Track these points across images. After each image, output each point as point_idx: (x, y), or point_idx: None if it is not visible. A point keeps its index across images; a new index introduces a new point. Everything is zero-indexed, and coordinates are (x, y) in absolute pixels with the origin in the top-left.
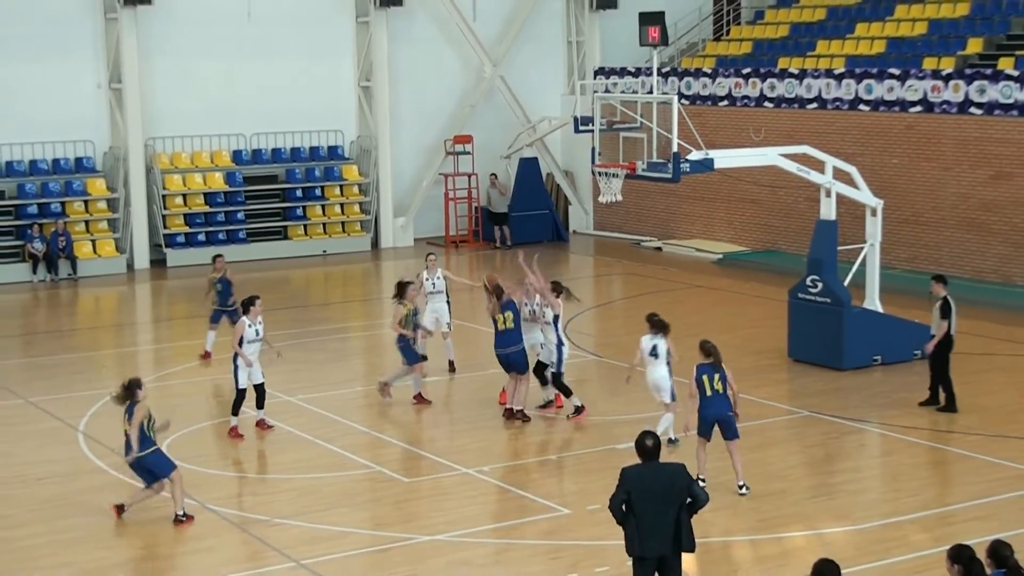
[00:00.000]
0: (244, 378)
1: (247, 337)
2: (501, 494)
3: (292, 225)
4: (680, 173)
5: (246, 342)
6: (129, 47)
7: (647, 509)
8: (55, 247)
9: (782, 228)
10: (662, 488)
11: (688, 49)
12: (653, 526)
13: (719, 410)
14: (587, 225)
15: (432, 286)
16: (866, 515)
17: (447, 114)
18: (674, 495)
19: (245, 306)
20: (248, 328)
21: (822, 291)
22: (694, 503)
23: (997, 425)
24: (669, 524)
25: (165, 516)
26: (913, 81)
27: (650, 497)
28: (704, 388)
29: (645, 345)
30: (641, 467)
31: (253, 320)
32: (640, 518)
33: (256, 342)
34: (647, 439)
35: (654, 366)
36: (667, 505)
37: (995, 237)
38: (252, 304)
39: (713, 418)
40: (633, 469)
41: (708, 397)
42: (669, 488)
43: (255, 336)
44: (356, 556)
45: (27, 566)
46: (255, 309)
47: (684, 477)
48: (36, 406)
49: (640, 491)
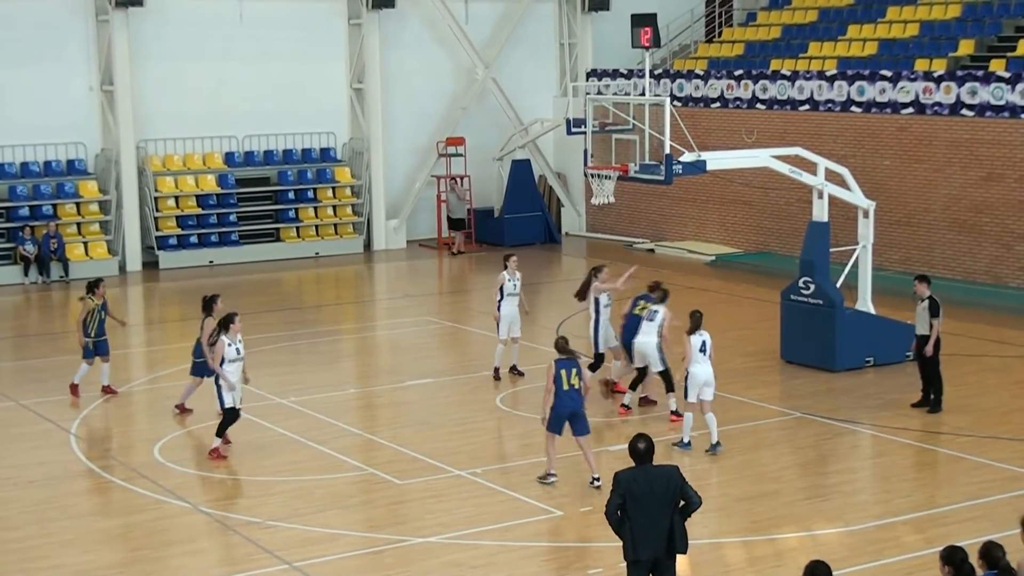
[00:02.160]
0: (230, 399)
1: (227, 356)
2: (494, 496)
3: (284, 227)
4: (672, 175)
5: (227, 362)
6: (121, 49)
7: (641, 512)
8: (47, 249)
9: (774, 230)
10: (656, 491)
11: (680, 51)
12: (647, 529)
13: (573, 405)
14: (580, 227)
15: (513, 287)
16: (859, 516)
17: (439, 116)
18: (668, 497)
19: (224, 324)
20: (228, 347)
21: (814, 293)
22: (687, 505)
23: (988, 426)
24: (663, 527)
25: (156, 518)
26: (905, 83)
27: (644, 500)
28: (561, 383)
29: (695, 342)
30: (635, 470)
31: (232, 339)
32: (634, 521)
33: (237, 361)
34: (639, 442)
35: (702, 363)
36: (661, 508)
37: (986, 238)
38: (231, 322)
39: (567, 413)
40: (626, 473)
41: (564, 391)
42: (663, 491)
43: (236, 355)
44: (349, 558)
45: (19, 568)
46: (234, 327)
47: (677, 479)
48: (28, 408)
49: (634, 495)
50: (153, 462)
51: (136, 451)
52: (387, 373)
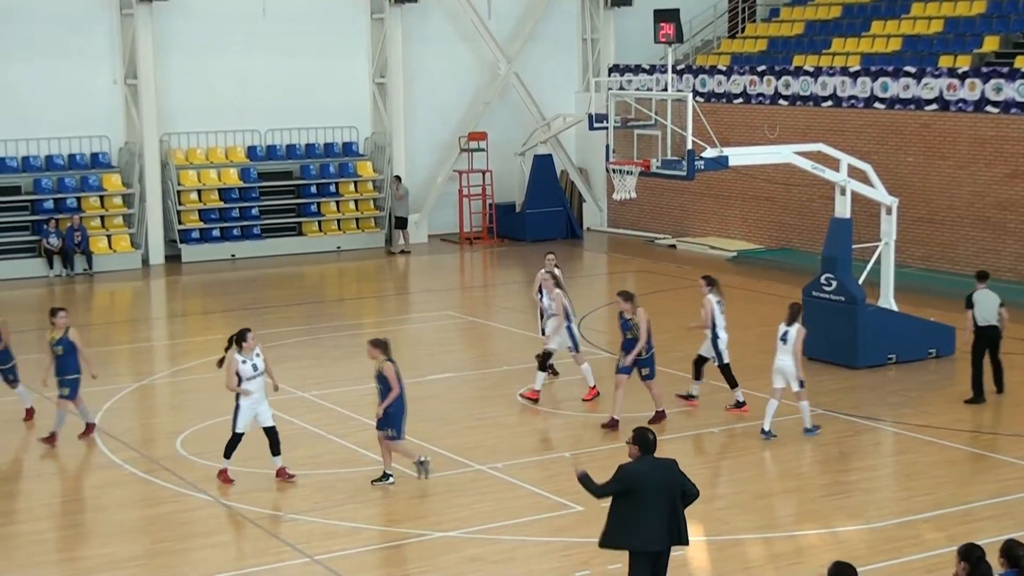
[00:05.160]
0: (244, 422)
1: (244, 375)
2: (513, 491)
3: (306, 221)
4: (694, 171)
5: (244, 379)
6: (145, 43)
7: (648, 504)
8: (71, 242)
9: (796, 226)
10: (661, 482)
11: (703, 46)
12: (654, 520)
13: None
14: (601, 222)
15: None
16: (880, 514)
17: (462, 111)
18: (670, 489)
19: (237, 341)
20: (243, 364)
21: (836, 289)
22: (686, 497)
23: (1012, 424)
24: (667, 517)
25: (178, 511)
26: (929, 79)
27: (651, 492)
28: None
29: (779, 331)
30: (640, 463)
31: (248, 355)
32: (644, 514)
33: (256, 378)
34: (649, 434)
35: (782, 353)
36: (666, 499)
37: (1010, 236)
38: (244, 339)
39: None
40: (633, 465)
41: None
42: (666, 482)
43: (253, 372)
44: (369, 552)
45: (41, 560)
46: (247, 344)
47: (677, 471)
48: (50, 400)
49: (644, 487)
50: (175, 455)
51: (158, 444)
52: (408, 367)
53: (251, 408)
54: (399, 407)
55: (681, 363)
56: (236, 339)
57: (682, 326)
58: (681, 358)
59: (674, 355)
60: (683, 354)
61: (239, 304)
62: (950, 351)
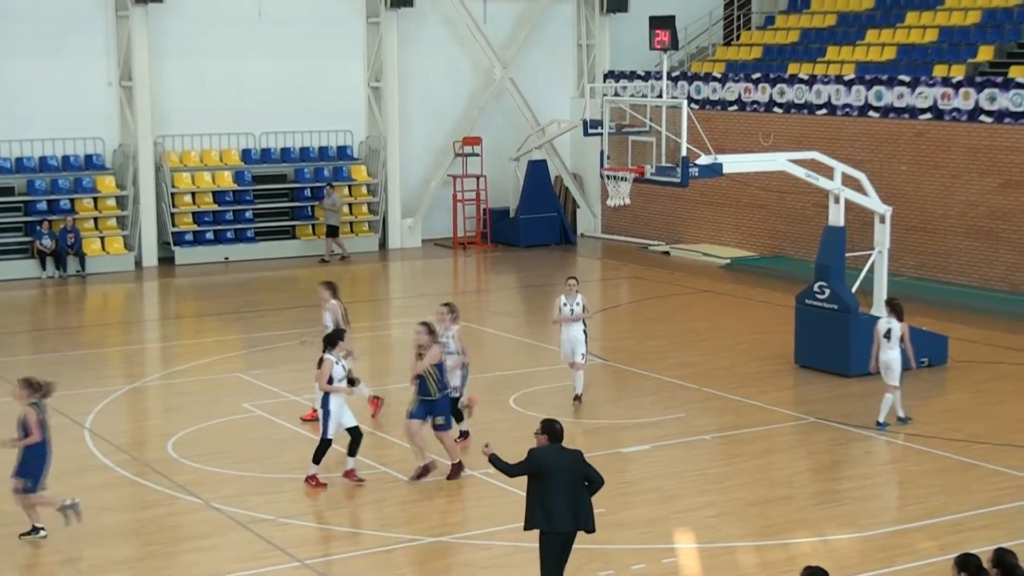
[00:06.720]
0: (334, 427)
1: (336, 376)
2: (505, 496)
3: (300, 225)
4: (689, 177)
5: (336, 380)
6: (140, 45)
7: (555, 487)
8: (64, 244)
9: (790, 234)
10: (566, 467)
11: (698, 53)
12: (560, 503)
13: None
14: (595, 228)
15: (571, 312)
16: (872, 522)
17: (456, 115)
18: (575, 474)
19: (332, 340)
20: (336, 366)
21: (829, 297)
22: (591, 485)
23: (1004, 434)
24: (571, 502)
25: (169, 514)
26: (923, 88)
27: (557, 476)
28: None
29: (881, 327)
30: (548, 449)
31: (340, 356)
32: (548, 495)
33: (344, 380)
34: (557, 424)
35: (887, 348)
36: (571, 485)
37: (1003, 245)
38: (340, 338)
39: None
40: (541, 450)
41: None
42: (571, 469)
43: (343, 373)
44: (360, 556)
45: (32, 562)
46: (343, 344)
47: (582, 461)
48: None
49: (549, 470)
50: (166, 458)
51: (149, 447)
52: (401, 372)
53: (338, 411)
54: (40, 456)
55: (676, 370)
56: (331, 338)
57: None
58: (675, 364)
59: (668, 362)
60: (676, 361)
61: (232, 307)
62: (942, 360)
